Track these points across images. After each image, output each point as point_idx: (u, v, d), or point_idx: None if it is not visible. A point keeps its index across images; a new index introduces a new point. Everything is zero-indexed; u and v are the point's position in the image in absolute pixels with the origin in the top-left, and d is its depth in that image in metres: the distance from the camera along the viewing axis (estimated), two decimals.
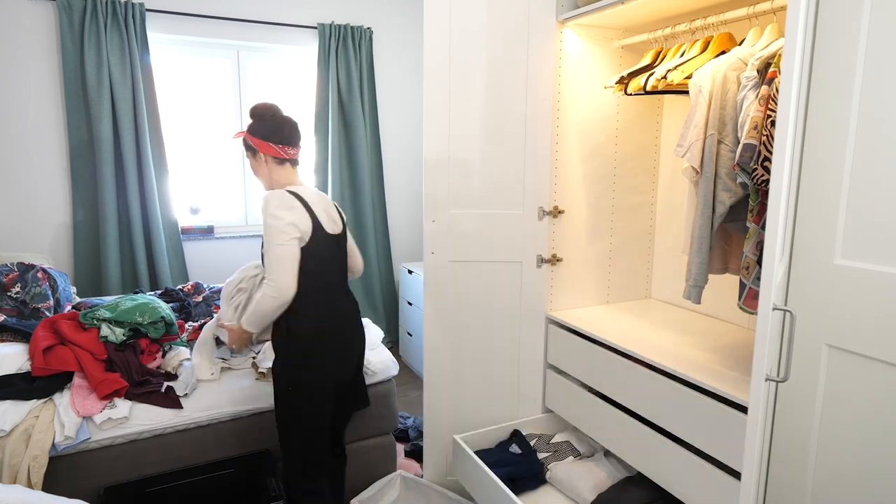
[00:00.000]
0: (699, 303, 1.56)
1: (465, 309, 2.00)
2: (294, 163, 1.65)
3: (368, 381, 2.06)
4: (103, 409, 1.70)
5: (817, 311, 1.24)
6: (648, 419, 1.60)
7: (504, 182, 1.93)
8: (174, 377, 1.92)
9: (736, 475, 1.37)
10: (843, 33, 1.15)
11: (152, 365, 1.97)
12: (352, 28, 3.34)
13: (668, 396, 1.53)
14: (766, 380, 1.07)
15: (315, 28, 3.32)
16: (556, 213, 1.96)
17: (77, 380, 1.78)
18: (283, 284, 1.48)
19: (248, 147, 1.63)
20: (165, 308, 2.10)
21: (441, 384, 2.04)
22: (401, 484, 2.05)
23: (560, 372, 1.99)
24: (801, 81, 1.11)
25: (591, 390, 1.85)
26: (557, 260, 1.99)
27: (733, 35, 1.66)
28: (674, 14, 1.80)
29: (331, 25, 3.28)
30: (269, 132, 1.59)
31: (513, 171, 1.93)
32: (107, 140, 2.84)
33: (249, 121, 1.64)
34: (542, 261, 1.97)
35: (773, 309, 1.05)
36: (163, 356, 2.03)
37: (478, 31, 1.86)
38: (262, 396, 1.90)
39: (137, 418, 1.73)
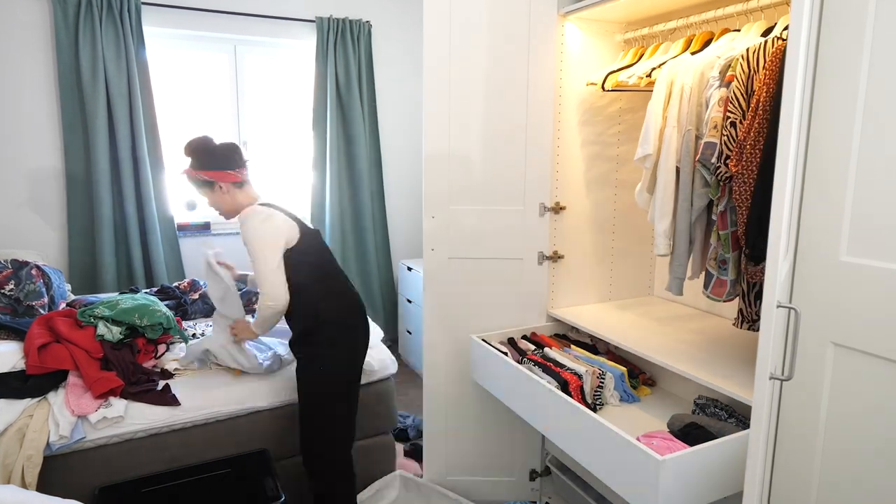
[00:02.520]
0: (681, 294, 1.59)
1: (466, 307, 1.98)
2: (248, 182, 1.73)
3: (367, 379, 2.04)
4: (98, 408, 1.68)
5: (822, 309, 1.22)
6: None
7: (505, 177, 1.91)
8: (171, 375, 1.90)
9: None
10: (848, 27, 1.13)
11: (148, 364, 1.94)
12: (350, 22, 3.31)
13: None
14: (771, 378, 1.06)
15: (313, 22, 3.28)
16: (558, 209, 1.94)
17: (72, 378, 1.76)
18: (276, 294, 1.60)
19: (202, 183, 1.68)
20: (165, 311, 2.08)
21: (441, 383, 2.02)
22: (400, 484, 2.03)
23: None
24: (806, 75, 1.09)
25: None
26: (559, 257, 1.97)
27: (713, 32, 1.66)
28: (677, 8, 1.78)
29: (329, 19, 3.25)
30: (223, 161, 1.66)
31: (513, 167, 1.91)
32: (102, 135, 2.81)
33: (188, 159, 1.67)
34: (543, 258, 1.95)
35: (778, 306, 1.03)
36: (157, 357, 2.01)
37: (478, 24, 1.83)
38: (258, 395, 1.88)
39: (133, 417, 1.71)
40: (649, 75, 1.65)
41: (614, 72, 1.78)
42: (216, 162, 1.66)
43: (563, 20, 1.86)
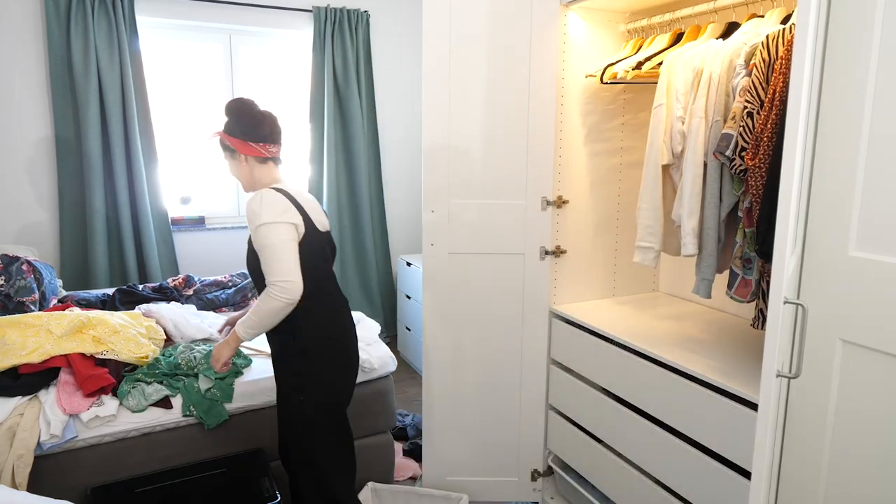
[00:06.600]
0: (709, 297, 1.54)
1: (466, 303, 1.95)
2: (276, 161, 1.56)
3: (366, 377, 2.01)
4: (90, 406, 1.65)
5: (830, 305, 1.20)
6: (655, 416, 1.56)
7: (506, 171, 1.88)
8: None
9: (746, 475, 1.33)
10: (857, 15, 1.10)
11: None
12: (348, 11, 3.26)
13: (676, 393, 1.49)
14: (778, 376, 1.03)
15: (310, 11, 3.23)
16: (560, 203, 1.91)
17: (63, 376, 1.73)
18: (290, 280, 1.38)
19: (224, 147, 1.53)
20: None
21: (441, 381, 2.00)
22: (372, 496, 1.96)
23: (564, 368, 1.94)
24: (813, 66, 1.06)
25: (595, 387, 1.81)
26: (561, 252, 1.94)
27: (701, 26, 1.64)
28: None
29: (326, 9, 3.20)
30: (248, 129, 1.49)
31: (515, 160, 1.87)
32: (94, 127, 2.76)
33: (224, 119, 1.53)
34: (545, 253, 1.92)
35: (785, 303, 1.01)
36: None
37: (479, 14, 1.79)
38: (254, 394, 1.85)
39: (126, 416, 1.68)
40: (636, 67, 1.62)
41: (612, 64, 1.75)
42: (240, 129, 1.49)
43: (565, 10, 1.82)
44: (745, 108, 1.33)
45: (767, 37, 1.32)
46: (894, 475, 1.12)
